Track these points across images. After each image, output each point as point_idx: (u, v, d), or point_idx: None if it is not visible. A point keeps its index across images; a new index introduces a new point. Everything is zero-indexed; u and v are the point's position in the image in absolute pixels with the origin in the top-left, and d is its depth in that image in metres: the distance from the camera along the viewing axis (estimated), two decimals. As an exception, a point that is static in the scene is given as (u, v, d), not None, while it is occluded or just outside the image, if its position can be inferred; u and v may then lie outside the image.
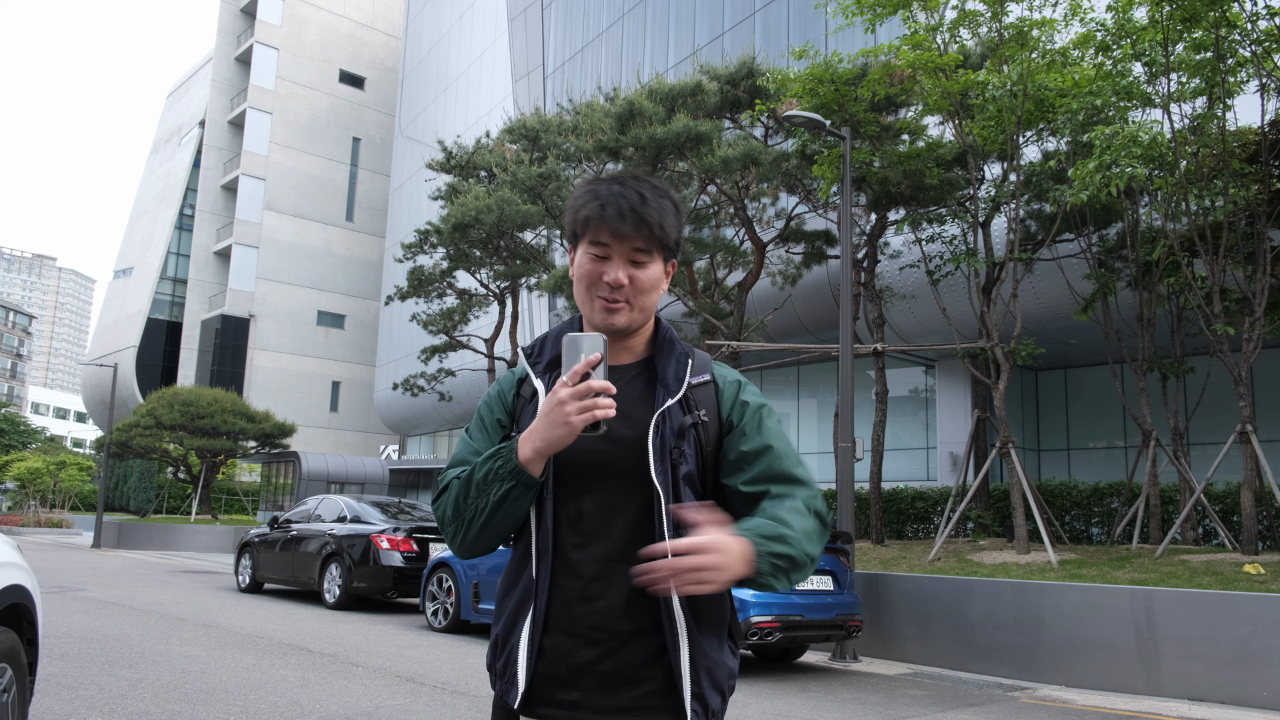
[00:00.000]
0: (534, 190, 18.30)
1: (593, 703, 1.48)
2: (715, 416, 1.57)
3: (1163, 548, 10.22)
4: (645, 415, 1.51)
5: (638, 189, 1.53)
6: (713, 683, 1.50)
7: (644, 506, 1.50)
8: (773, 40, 21.64)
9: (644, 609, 1.49)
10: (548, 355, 1.62)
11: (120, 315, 58.08)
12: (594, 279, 1.53)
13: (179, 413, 31.64)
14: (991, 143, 11.52)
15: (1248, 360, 9.76)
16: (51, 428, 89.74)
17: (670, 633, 1.47)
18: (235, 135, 54.21)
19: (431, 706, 5.73)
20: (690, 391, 1.56)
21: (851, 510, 9.88)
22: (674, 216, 1.55)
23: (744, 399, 1.60)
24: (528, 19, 33.36)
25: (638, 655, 1.49)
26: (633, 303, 1.53)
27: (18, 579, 3.58)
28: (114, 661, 6.65)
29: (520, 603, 1.53)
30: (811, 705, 6.54)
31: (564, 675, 1.49)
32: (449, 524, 1.51)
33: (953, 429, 18.56)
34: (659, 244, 1.53)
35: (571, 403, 1.37)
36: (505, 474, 1.44)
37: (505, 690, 1.52)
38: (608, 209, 1.50)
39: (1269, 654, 6.96)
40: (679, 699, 1.48)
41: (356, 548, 11.45)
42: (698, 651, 1.49)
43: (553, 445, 1.41)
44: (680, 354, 1.58)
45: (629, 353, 1.60)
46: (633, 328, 1.56)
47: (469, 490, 1.48)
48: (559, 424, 1.38)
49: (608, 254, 1.52)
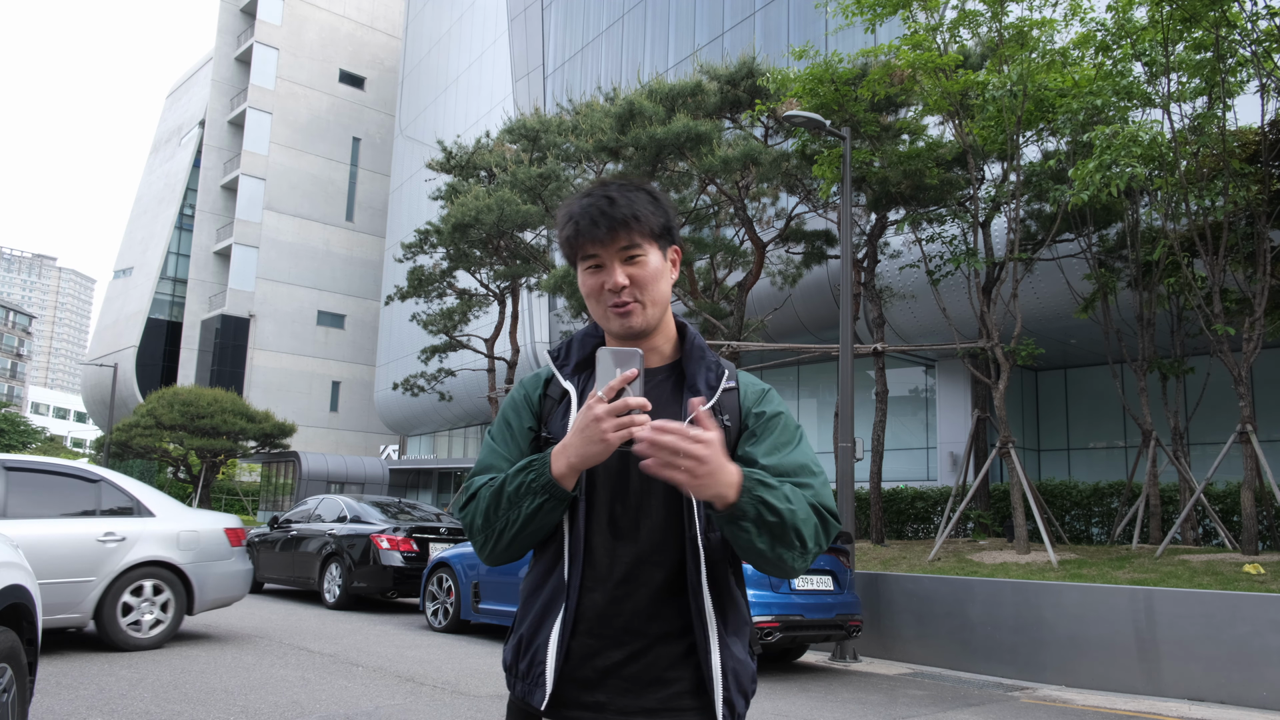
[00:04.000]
0: (534, 190, 18.30)
1: (619, 704, 1.48)
2: (737, 421, 1.58)
3: (1163, 548, 10.22)
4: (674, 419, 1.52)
5: (604, 193, 1.54)
6: (739, 686, 1.52)
7: (674, 508, 1.51)
8: (773, 40, 21.63)
9: (673, 611, 1.50)
10: (575, 357, 1.62)
11: (120, 315, 58.08)
12: (597, 290, 1.55)
13: (179, 413, 31.65)
14: (991, 143, 11.52)
15: (1248, 360, 9.76)
16: (51, 428, 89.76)
17: (701, 634, 1.48)
18: (235, 135, 54.21)
19: (431, 706, 5.73)
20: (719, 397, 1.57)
21: (851, 510, 9.88)
22: (650, 204, 1.56)
23: (763, 408, 1.60)
24: (528, 19, 33.36)
25: (665, 657, 1.49)
26: (641, 299, 1.54)
27: (18, 579, 3.58)
28: (114, 661, 6.65)
29: (548, 604, 1.52)
30: (811, 705, 6.54)
31: (590, 677, 1.49)
32: (478, 533, 1.51)
33: (953, 429, 18.56)
34: (643, 235, 1.54)
35: (608, 420, 1.36)
36: (538, 488, 1.44)
37: (528, 692, 1.51)
38: (581, 223, 1.53)
39: (1269, 654, 6.96)
40: (707, 700, 1.48)
41: (356, 548, 11.45)
42: (727, 654, 1.50)
43: (587, 461, 1.41)
44: (711, 362, 1.60)
45: (656, 355, 1.61)
46: (651, 325, 1.57)
47: (500, 502, 1.47)
48: (595, 440, 1.37)
49: (601, 262, 1.54)
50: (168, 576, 7.44)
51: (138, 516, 7.41)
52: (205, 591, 7.72)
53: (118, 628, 7.14)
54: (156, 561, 7.36)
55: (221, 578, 7.90)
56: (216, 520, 8.11)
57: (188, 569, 7.54)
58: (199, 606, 7.70)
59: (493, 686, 6.53)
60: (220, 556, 7.89)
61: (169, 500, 7.92)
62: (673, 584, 1.50)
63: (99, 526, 7.12)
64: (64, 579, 6.80)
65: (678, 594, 1.50)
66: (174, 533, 7.56)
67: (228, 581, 7.99)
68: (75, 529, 7.01)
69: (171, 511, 7.75)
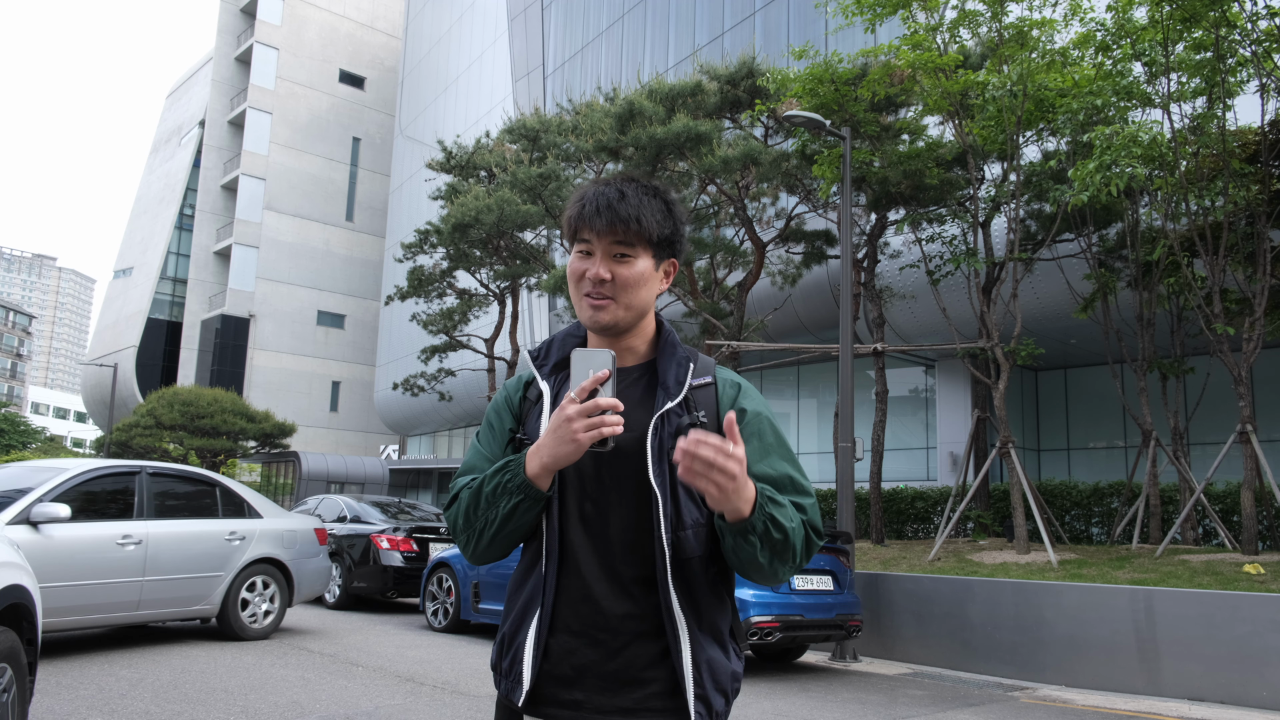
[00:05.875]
0: (534, 190, 18.30)
1: (596, 703, 1.48)
2: (714, 418, 1.57)
3: (1163, 548, 10.22)
4: (645, 418, 1.52)
5: (619, 187, 1.55)
6: (715, 684, 1.50)
7: (644, 508, 1.51)
8: (773, 40, 21.63)
9: (647, 609, 1.50)
10: (554, 357, 1.63)
11: (120, 315, 58.06)
12: (579, 275, 1.56)
13: (179, 413, 31.66)
14: (991, 143, 11.52)
15: (1248, 360, 9.76)
16: (51, 428, 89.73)
17: (671, 632, 1.48)
18: (235, 135, 54.19)
19: (431, 706, 5.74)
20: (690, 393, 1.56)
21: (851, 510, 9.88)
22: (659, 213, 1.55)
23: (743, 404, 1.60)
24: (528, 19, 33.36)
25: (641, 656, 1.49)
26: (618, 299, 1.54)
27: (18, 579, 3.58)
28: (114, 661, 6.65)
29: (528, 602, 1.54)
30: (811, 705, 6.54)
31: (568, 675, 1.49)
32: (460, 533, 1.53)
33: (953, 429, 18.55)
34: (639, 239, 1.53)
35: (579, 420, 1.37)
36: (514, 488, 1.46)
37: (510, 689, 1.53)
38: (587, 207, 1.54)
39: (1269, 654, 6.96)
40: (683, 701, 1.47)
41: (356, 548, 11.45)
42: (699, 651, 1.49)
43: (560, 461, 1.42)
44: (681, 357, 1.59)
45: (631, 354, 1.60)
46: (621, 325, 1.56)
47: (479, 502, 1.49)
48: (566, 440, 1.39)
49: (591, 250, 1.54)
50: (274, 572, 8.26)
51: (250, 518, 8.22)
52: (302, 586, 8.57)
53: (239, 619, 7.93)
54: (267, 559, 8.20)
55: (314, 574, 8.80)
56: (308, 521, 9.01)
57: (290, 565, 8.39)
58: (297, 599, 8.56)
59: (492, 686, 6.52)
60: (312, 554, 8.79)
61: (269, 502, 8.63)
62: (645, 582, 1.50)
63: (224, 527, 7.91)
64: (201, 574, 7.61)
65: (651, 592, 1.50)
66: (279, 532, 8.40)
67: (318, 577, 8.91)
68: (208, 529, 7.78)
69: (274, 512, 8.57)
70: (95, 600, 6.78)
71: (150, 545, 7.18)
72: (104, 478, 7.19)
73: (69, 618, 6.65)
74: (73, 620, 6.72)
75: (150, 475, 7.48)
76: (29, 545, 6.32)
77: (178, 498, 7.74)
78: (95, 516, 6.96)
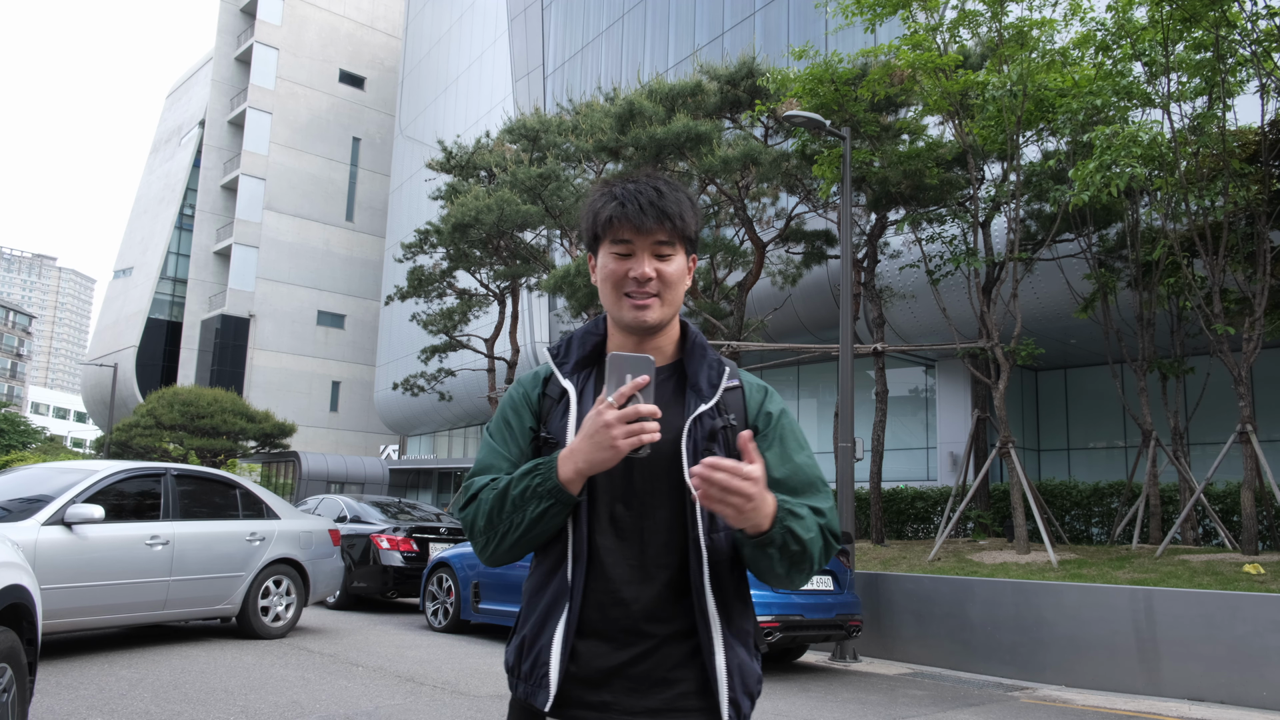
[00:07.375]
0: (534, 190, 18.30)
1: (624, 704, 1.47)
2: (743, 421, 1.58)
3: (1163, 548, 10.21)
4: (677, 419, 1.51)
5: (653, 184, 1.54)
6: (745, 687, 1.51)
7: (677, 509, 1.51)
8: (773, 40, 21.63)
9: (677, 612, 1.49)
10: (575, 355, 1.61)
11: (120, 315, 58.07)
12: (620, 277, 1.53)
13: (179, 413, 31.67)
14: (991, 143, 11.52)
15: (1248, 360, 9.76)
16: (51, 428, 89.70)
17: (705, 635, 1.48)
18: (235, 135, 54.19)
19: (431, 706, 5.74)
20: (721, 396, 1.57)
21: (851, 510, 9.88)
22: (691, 210, 1.57)
23: (769, 408, 1.61)
24: (528, 19, 33.36)
25: (670, 658, 1.49)
26: (662, 296, 1.54)
27: (18, 579, 3.58)
28: (114, 661, 6.65)
29: (551, 605, 1.51)
30: (811, 705, 6.54)
31: (595, 677, 1.48)
32: (480, 535, 1.49)
33: (953, 429, 18.55)
34: (680, 236, 1.54)
35: (619, 426, 1.36)
36: (544, 492, 1.43)
37: (531, 692, 1.50)
38: (628, 206, 1.52)
39: (1269, 654, 6.96)
40: (712, 700, 1.48)
41: (356, 548, 11.45)
42: (731, 654, 1.49)
43: (595, 467, 1.41)
44: (713, 359, 1.60)
45: (659, 355, 1.60)
46: (664, 323, 1.56)
47: (504, 504, 1.46)
48: (605, 447, 1.37)
49: (631, 250, 1.53)
50: (291, 572, 8.36)
51: (268, 519, 8.34)
52: (318, 585, 8.68)
53: (259, 618, 8.03)
54: (285, 559, 8.31)
55: (328, 574, 8.91)
56: (322, 522, 9.13)
57: (306, 565, 8.50)
58: (312, 598, 8.67)
59: (492, 686, 6.53)
60: (327, 554, 8.89)
61: (286, 503, 8.71)
62: (677, 585, 1.50)
63: (245, 528, 8.02)
64: (224, 574, 7.71)
65: (682, 595, 1.50)
66: (296, 533, 8.50)
67: (333, 577, 9.02)
68: (230, 529, 7.89)
69: (290, 513, 8.67)
70: (126, 600, 6.84)
71: (177, 545, 7.24)
72: (132, 479, 7.24)
73: (100, 616, 6.72)
74: (103, 619, 6.79)
75: (175, 476, 7.59)
76: (64, 546, 6.39)
77: (201, 499, 7.83)
78: (125, 517, 7.02)
